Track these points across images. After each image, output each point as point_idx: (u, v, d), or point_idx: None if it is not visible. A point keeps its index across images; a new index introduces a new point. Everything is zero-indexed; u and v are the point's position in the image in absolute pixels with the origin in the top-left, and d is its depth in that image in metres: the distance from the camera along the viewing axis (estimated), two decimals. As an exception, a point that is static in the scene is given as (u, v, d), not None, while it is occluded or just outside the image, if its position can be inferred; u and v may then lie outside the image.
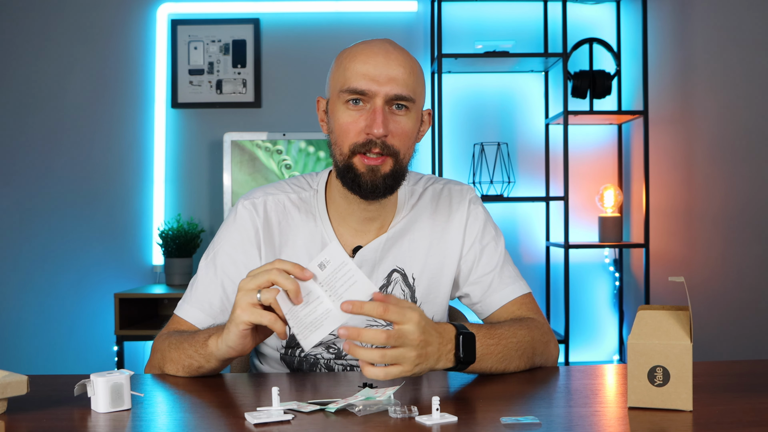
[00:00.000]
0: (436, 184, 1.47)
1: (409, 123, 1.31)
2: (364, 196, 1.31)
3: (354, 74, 1.28)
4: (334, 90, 1.32)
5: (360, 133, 1.28)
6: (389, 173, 1.30)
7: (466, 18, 3.32)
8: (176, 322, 1.37)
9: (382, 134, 1.27)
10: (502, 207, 3.31)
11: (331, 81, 1.35)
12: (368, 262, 1.38)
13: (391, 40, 1.34)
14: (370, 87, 1.27)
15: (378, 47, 1.30)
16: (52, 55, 3.31)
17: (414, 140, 1.35)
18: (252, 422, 0.97)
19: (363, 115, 1.29)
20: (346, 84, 1.28)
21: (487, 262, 1.42)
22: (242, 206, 1.41)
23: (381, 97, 1.27)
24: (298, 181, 1.45)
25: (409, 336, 1.09)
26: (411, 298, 1.40)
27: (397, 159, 1.30)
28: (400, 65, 1.29)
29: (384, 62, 1.28)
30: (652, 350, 1.01)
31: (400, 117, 1.30)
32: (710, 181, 3.32)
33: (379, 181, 1.29)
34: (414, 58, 1.34)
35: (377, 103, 1.28)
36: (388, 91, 1.27)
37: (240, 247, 1.38)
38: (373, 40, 1.34)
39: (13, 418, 1.02)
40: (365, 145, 1.28)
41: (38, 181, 3.30)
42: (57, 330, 3.26)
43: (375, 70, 1.28)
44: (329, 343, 1.39)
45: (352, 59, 1.30)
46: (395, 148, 1.29)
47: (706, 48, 3.33)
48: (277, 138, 3.09)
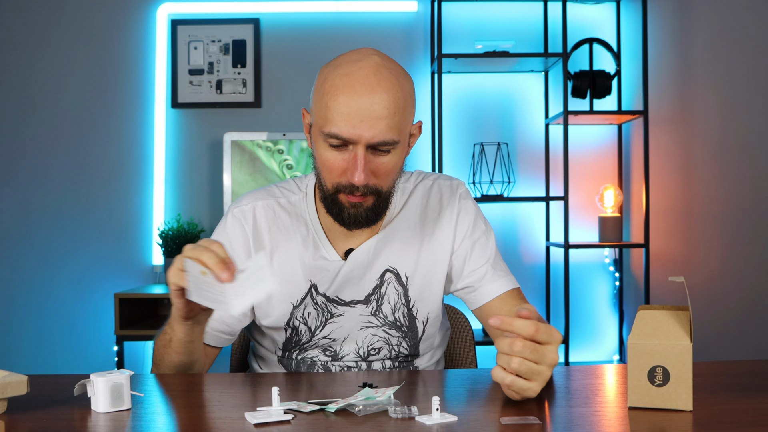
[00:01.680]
0: (426, 180, 1.46)
1: (394, 159, 1.27)
2: (348, 227, 1.31)
3: (336, 116, 1.22)
4: (316, 122, 1.27)
5: (342, 175, 1.26)
6: (372, 207, 1.29)
7: (466, 18, 3.32)
8: None
9: (363, 182, 1.23)
10: (502, 207, 3.31)
11: (313, 105, 1.29)
12: (360, 264, 1.38)
13: (377, 59, 1.25)
14: (352, 134, 1.21)
15: (362, 80, 1.21)
16: (52, 55, 3.31)
17: (401, 168, 1.33)
18: (252, 422, 0.97)
19: (345, 158, 1.25)
20: (327, 126, 1.23)
21: (479, 255, 1.42)
22: (231, 215, 1.41)
23: (362, 144, 1.22)
24: (287, 185, 1.45)
25: (550, 355, 1.03)
26: (404, 297, 1.39)
27: (379, 194, 1.29)
28: (384, 106, 1.21)
29: (368, 104, 1.20)
30: (652, 350, 1.01)
31: (384, 158, 1.26)
32: (710, 181, 3.32)
33: (362, 215, 1.29)
34: (402, 82, 1.25)
35: (359, 151, 1.23)
36: (370, 138, 1.21)
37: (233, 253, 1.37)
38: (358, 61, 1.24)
39: (13, 418, 1.02)
40: (347, 187, 1.26)
41: (38, 181, 3.30)
42: (57, 330, 3.26)
43: (357, 114, 1.20)
44: (326, 346, 1.39)
45: (335, 96, 1.22)
46: (378, 187, 1.27)
47: (706, 48, 3.33)
48: (277, 138, 3.09)
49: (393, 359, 1.41)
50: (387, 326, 1.39)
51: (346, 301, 1.38)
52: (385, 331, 1.39)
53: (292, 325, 1.38)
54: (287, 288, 1.37)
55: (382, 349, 1.40)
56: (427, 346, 1.45)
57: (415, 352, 1.43)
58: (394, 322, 1.39)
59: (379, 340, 1.39)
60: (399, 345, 1.41)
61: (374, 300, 1.38)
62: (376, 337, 1.39)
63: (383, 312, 1.39)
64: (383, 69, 1.24)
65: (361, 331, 1.39)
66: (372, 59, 1.25)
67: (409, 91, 1.28)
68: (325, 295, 1.37)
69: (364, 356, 1.40)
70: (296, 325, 1.38)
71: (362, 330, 1.39)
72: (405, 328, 1.40)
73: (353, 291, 1.38)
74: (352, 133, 1.21)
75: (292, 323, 1.38)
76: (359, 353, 1.39)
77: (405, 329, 1.40)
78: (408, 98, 1.27)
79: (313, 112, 1.29)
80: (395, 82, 1.24)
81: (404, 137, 1.28)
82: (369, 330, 1.39)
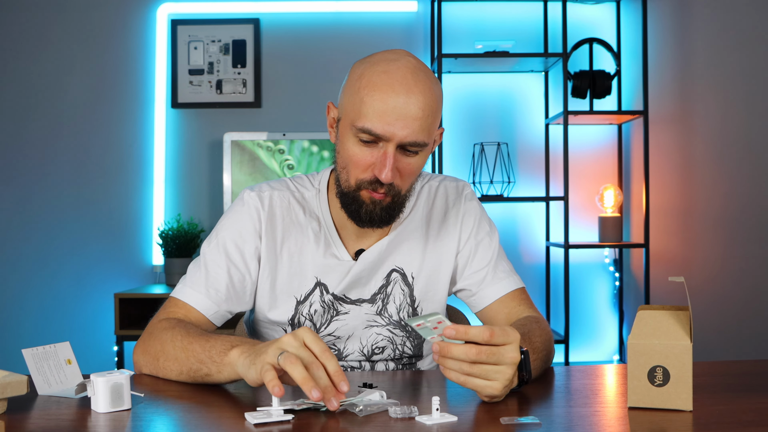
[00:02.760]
0: (432, 181, 1.47)
1: (419, 162, 1.28)
2: (362, 224, 1.31)
3: (371, 112, 1.22)
4: (347, 116, 1.26)
5: (368, 170, 1.26)
6: (388, 206, 1.29)
7: (466, 18, 3.32)
8: (177, 306, 1.34)
9: (389, 180, 1.24)
10: (502, 207, 3.31)
11: (344, 99, 1.28)
12: (370, 265, 1.38)
13: (413, 61, 1.26)
14: (385, 132, 1.21)
15: (400, 80, 1.22)
16: (52, 55, 3.31)
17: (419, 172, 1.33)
18: (252, 422, 0.97)
19: (373, 154, 1.25)
20: (361, 122, 1.22)
21: (482, 257, 1.42)
22: (248, 196, 1.40)
23: (394, 143, 1.23)
24: (300, 180, 1.45)
25: (508, 354, 1.03)
26: (410, 297, 1.40)
27: (399, 194, 1.29)
28: (419, 107, 1.22)
29: (404, 104, 1.21)
30: (652, 350, 1.01)
31: (411, 159, 1.26)
32: (710, 181, 3.32)
33: (377, 214, 1.28)
34: (434, 86, 1.26)
35: (389, 149, 1.23)
36: (403, 138, 1.22)
37: (245, 233, 1.37)
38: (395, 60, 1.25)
39: (13, 418, 1.02)
40: (372, 183, 1.26)
41: (38, 181, 3.30)
42: (57, 330, 3.26)
43: (393, 112, 1.21)
44: (330, 344, 1.40)
45: (371, 93, 1.22)
46: (399, 188, 1.28)
47: (706, 48, 3.33)
48: (277, 138, 3.09)
49: (396, 360, 1.42)
50: (392, 326, 1.40)
51: (353, 300, 1.38)
52: (389, 331, 1.40)
53: (297, 321, 1.38)
54: (294, 282, 1.37)
55: (386, 349, 1.40)
56: (430, 347, 1.45)
57: (418, 352, 1.44)
58: (398, 322, 1.40)
59: (384, 339, 1.40)
60: (403, 345, 1.41)
61: (380, 299, 1.39)
62: (381, 336, 1.39)
63: (388, 311, 1.39)
64: (419, 71, 1.25)
65: (366, 330, 1.39)
66: (409, 60, 1.26)
67: (440, 96, 1.29)
68: (333, 294, 1.38)
69: (368, 355, 1.40)
70: (301, 321, 1.38)
71: (367, 329, 1.39)
72: (409, 328, 1.41)
73: (360, 290, 1.39)
74: (386, 130, 1.22)
75: (297, 320, 1.38)
76: (363, 352, 1.40)
77: (409, 329, 1.41)
78: (439, 103, 1.28)
79: (343, 107, 1.29)
80: (430, 86, 1.25)
81: (431, 141, 1.29)
82: (374, 329, 1.39)
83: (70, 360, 1.18)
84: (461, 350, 1.02)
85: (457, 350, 1.02)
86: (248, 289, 1.38)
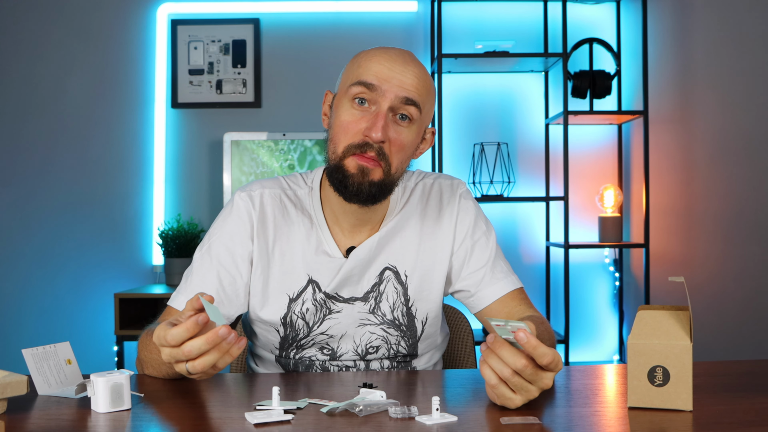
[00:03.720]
0: (427, 179, 1.47)
1: (410, 136, 1.30)
2: (348, 198, 1.30)
3: (367, 70, 1.29)
4: (344, 84, 1.32)
5: (358, 134, 1.28)
6: (377, 182, 1.29)
7: (466, 18, 3.32)
8: (170, 313, 1.35)
9: (380, 139, 1.26)
10: (502, 207, 3.31)
11: (343, 76, 1.36)
12: (361, 262, 1.38)
13: (411, 53, 1.35)
14: (381, 84, 1.27)
15: (398, 54, 1.31)
16: (52, 55, 3.31)
17: (410, 155, 1.34)
18: (252, 422, 0.97)
19: (365, 117, 1.28)
20: (358, 77, 1.29)
21: (479, 257, 1.42)
22: (239, 197, 1.41)
23: (388, 100, 1.27)
24: (294, 178, 1.46)
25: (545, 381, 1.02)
26: (404, 296, 1.39)
27: (389, 170, 1.29)
28: (414, 75, 1.29)
29: (401, 68, 1.29)
30: (652, 350, 1.01)
31: (402, 128, 1.29)
32: (710, 181, 3.32)
33: (365, 186, 1.28)
34: (430, 76, 1.34)
35: (382, 107, 1.27)
36: (398, 92, 1.27)
37: (236, 237, 1.38)
38: (394, 47, 1.34)
39: (13, 418, 1.02)
40: (361, 146, 1.27)
41: (38, 182, 3.30)
42: (57, 330, 3.26)
43: (390, 71, 1.28)
44: (323, 344, 1.39)
45: (370, 58, 1.31)
46: (389, 158, 1.29)
47: (706, 48, 3.33)
48: (277, 138, 3.09)
49: (391, 359, 1.41)
50: (385, 324, 1.39)
51: (345, 298, 1.38)
52: (383, 330, 1.39)
53: (289, 320, 1.38)
54: (285, 279, 1.37)
55: (381, 348, 1.40)
56: (426, 347, 1.45)
57: (413, 352, 1.43)
58: (392, 321, 1.39)
59: (378, 338, 1.39)
60: (397, 344, 1.41)
61: (373, 298, 1.38)
62: (375, 335, 1.39)
63: (382, 310, 1.39)
64: (417, 60, 1.34)
65: (359, 329, 1.39)
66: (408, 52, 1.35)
67: (434, 89, 1.36)
68: (325, 292, 1.37)
69: (362, 355, 1.40)
70: (293, 320, 1.37)
71: (360, 327, 1.39)
72: (404, 327, 1.40)
73: (353, 288, 1.38)
74: (382, 81, 1.27)
75: (289, 318, 1.38)
76: (357, 351, 1.39)
77: (404, 328, 1.40)
78: (432, 90, 1.35)
79: (341, 82, 1.36)
80: (425, 69, 1.34)
81: (423, 119, 1.33)
82: (367, 327, 1.39)
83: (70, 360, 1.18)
84: (512, 356, 0.99)
85: (509, 354, 1.00)
86: (240, 291, 1.38)
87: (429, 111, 1.34)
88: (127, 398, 1.05)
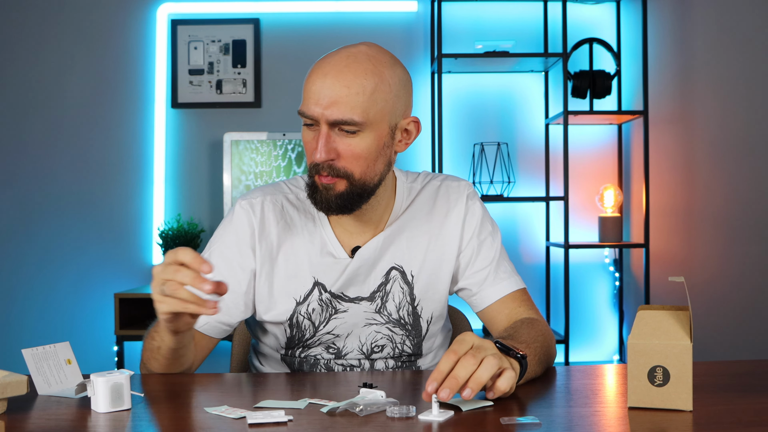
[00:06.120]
0: (434, 180, 1.47)
1: (362, 144, 1.27)
2: (324, 211, 1.32)
3: (306, 95, 1.27)
4: None
5: (313, 154, 1.29)
6: (342, 193, 1.29)
7: (466, 18, 3.32)
8: None
9: (323, 160, 1.26)
10: (502, 207, 3.31)
11: None
12: (367, 262, 1.38)
13: (363, 48, 1.29)
14: (314, 112, 1.25)
15: (333, 64, 1.26)
16: (52, 55, 3.31)
17: (378, 157, 1.30)
18: (251, 422, 0.97)
19: (314, 137, 1.29)
20: (301, 106, 1.28)
21: (484, 257, 1.43)
22: (239, 206, 1.41)
23: (323, 122, 1.26)
24: (296, 182, 1.46)
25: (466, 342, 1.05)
26: (410, 296, 1.40)
27: (351, 180, 1.29)
28: (346, 86, 1.24)
29: (331, 83, 1.24)
30: (652, 350, 1.01)
31: (351, 139, 1.27)
32: (710, 181, 3.32)
33: (332, 200, 1.29)
34: (381, 69, 1.27)
35: (322, 128, 1.26)
36: (329, 115, 1.24)
37: (235, 247, 1.38)
38: (341, 50, 1.29)
39: (13, 418, 1.02)
40: (316, 167, 1.28)
41: (38, 182, 3.30)
42: (57, 330, 3.26)
43: (321, 91, 1.25)
44: (329, 343, 1.39)
45: (309, 77, 1.28)
46: (346, 170, 1.28)
47: (706, 48, 3.33)
48: (277, 138, 3.09)
49: (396, 358, 1.42)
50: (391, 324, 1.40)
51: (351, 298, 1.38)
52: (389, 329, 1.40)
53: (295, 321, 1.38)
54: (292, 283, 1.37)
55: (386, 347, 1.40)
56: (430, 346, 1.46)
57: (418, 351, 1.43)
58: (398, 320, 1.40)
59: (383, 337, 1.40)
60: (402, 343, 1.41)
61: (379, 297, 1.39)
62: (380, 334, 1.39)
63: (387, 309, 1.39)
64: (361, 55, 1.27)
65: (365, 328, 1.39)
66: (358, 48, 1.29)
67: (390, 79, 1.28)
68: (331, 292, 1.38)
69: (368, 354, 1.40)
70: (300, 321, 1.38)
71: (366, 326, 1.39)
72: (409, 326, 1.41)
73: (359, 288, 1.39)
74: (313, 110, 1.25)
75: (295, 319, 1.38)
76: (362, 350, 1.40)
77: (409, 327, 1.41)
78: (383, 85, 1.27)
79: None
80: (370, 68, 1.26)
81: (376, 123, 1.27)
82: (373, 327, 1.39)
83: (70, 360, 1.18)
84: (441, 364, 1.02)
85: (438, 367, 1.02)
86: (239, 301, 1.37)
87: (386, 109, 1.28)
88: (127, 398, 1.05)
